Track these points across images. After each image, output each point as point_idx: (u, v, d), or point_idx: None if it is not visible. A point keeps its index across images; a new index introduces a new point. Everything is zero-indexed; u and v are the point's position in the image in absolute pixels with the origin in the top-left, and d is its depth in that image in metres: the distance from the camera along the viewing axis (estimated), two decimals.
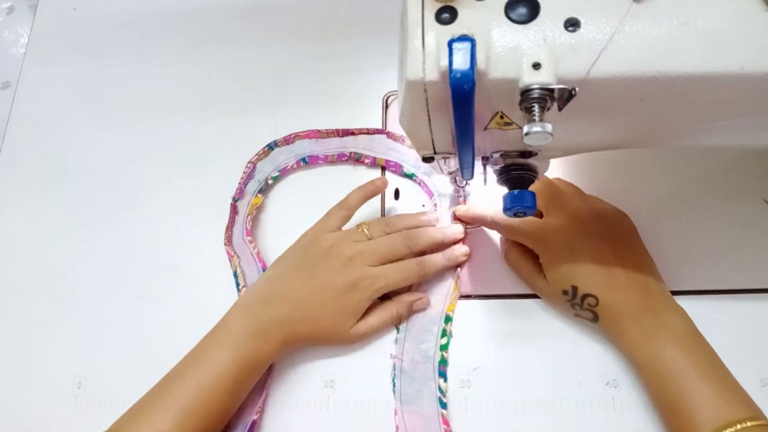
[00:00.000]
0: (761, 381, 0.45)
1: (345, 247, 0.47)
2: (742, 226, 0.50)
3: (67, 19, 0.67)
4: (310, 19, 0.63)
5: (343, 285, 0.46)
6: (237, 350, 0.44)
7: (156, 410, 0.42)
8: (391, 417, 0.47)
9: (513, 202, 0.40)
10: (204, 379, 0.43)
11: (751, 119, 0.33)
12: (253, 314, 0.46)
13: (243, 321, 0.46)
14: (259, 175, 0.55)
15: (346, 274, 0.46)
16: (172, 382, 0.44)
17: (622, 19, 0.30)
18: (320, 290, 0.46)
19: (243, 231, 0.53)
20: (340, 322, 0.46)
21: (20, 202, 0.59)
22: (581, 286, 0.44)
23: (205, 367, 0.44)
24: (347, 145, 0.56)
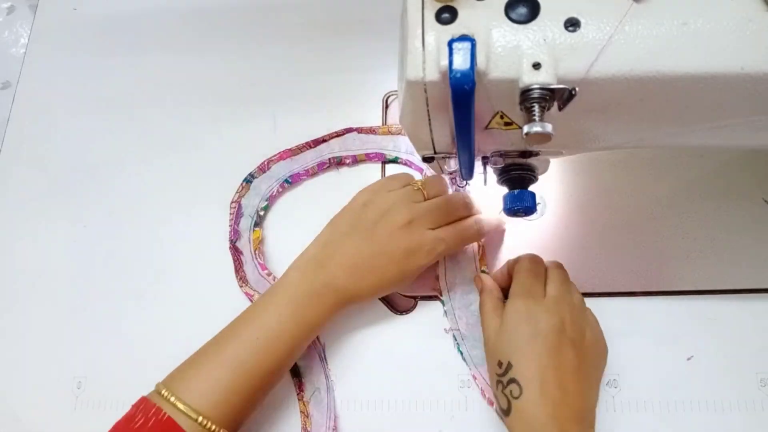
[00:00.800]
0: (761, 381, 0.45)
1: (403, 209, 0.45)
2: (742, 226, 0.50)
3: (67, 19, 0.67)
4: (310, 19, 0.63)
5: (403, 250, 0.45)
6: (295, 309, 0.44)
7: (213, 364, 0.42)
8: (391, 415, 0.47)
9: (513, 202, 0.40)
10: (262, 335, 0.43)
11: (751, 119, 0.33)
12: (309, 276, 0.45)
13: (300, 282, 0.45)
14: (247, 210, 0.54)
15: (405, 239, 0.45)
16: (228, 338, 0.43)
17: (622, 19, 0.30)
18: (378, 255, 0.45)
19: (257, 267, 0.52)
20: (397, 286, 0.47)
21: (20, 202, 0.59)
22: (516, 368, 0.39)
23: (263, 324, 0.43)
24: (323, 153, 0.55)
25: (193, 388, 0.41)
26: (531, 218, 0.51)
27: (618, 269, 0.49)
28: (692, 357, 0.46)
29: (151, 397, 0.41)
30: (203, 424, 0.39)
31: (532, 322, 0.40)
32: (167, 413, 0.39)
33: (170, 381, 0.42)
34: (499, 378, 0.40)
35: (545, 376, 0.38)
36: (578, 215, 0.52)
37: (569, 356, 0.40)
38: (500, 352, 0.41)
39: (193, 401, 0.40)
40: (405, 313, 0.50)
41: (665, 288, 0.48)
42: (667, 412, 0.45)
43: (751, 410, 0.44)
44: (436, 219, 0.46)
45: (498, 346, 0.41)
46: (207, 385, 0.41)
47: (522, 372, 0.39)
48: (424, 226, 0.45)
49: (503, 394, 0.40)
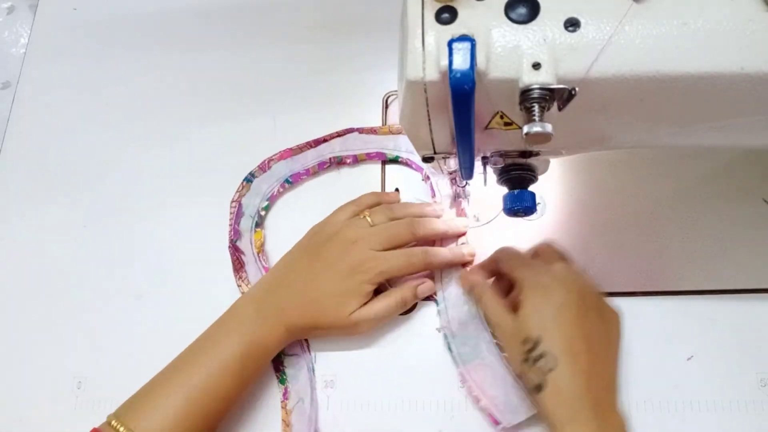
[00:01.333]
0: (761, 381, 0.45)
1: (348, 231, 0.47)
2: (742, 226, 0.50)
3: (67, 19, 0.67)
4: (310, 19, 0.63)
5: (345, 267, 0.46)
6: (243, 336, 0.44)
7: (164, 392, 0.43)
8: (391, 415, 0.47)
9: (513, 202, 0.40)
10: (211, 363, 0.43)
11: (751, 119, 0.33)
12: (257, 302, 0.47)
13: (249, 308, 0.46)
14: (247, 210, 0.54)
15: (348, 257, 0.46)
16: (178, 367, 0.44)
17: (622, 19, 0.30)
18: (322, 273, 0.46)
19: (261, 269, 0.52)
20: (342, 305, 0.46)
21: (20, 202, 0.59)
22: (546, 342, 0.39)
23: (212, 352, 0.44)
24: (324, 153, 0.55)
25: (143, 417, 0.41)
26: (531, 218, 0.51)
27: (618, 269, 0.49)
28: (692, 357, 0.46)
29: (102, 429, 0.42)
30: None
31: (555, 296, 0.40)
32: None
33: (121, 411, 0.43)
34: (527, 355, 0.39)
35: (575, 346, 0.39)
36: (578, 215, 0.52)
37: (594, 325, 0.41)
38: (525, 330, 0.40)
39: (143, 430, 0.41)
40: (405, 313, 0.50)
41: (665, 288, 0.48)
42: (667, 412, 0.45)
43: (751, 410, 0.44)
44: (380, 241, 0.47)
45: (522, 326, 0.40)
46: (157, 413, 0.41)
47: (553, 344, 0.39)
48: (368, 247, 0.46)
49: (535, 369, 0.39)
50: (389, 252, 0.47)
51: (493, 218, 0.52)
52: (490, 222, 0.52)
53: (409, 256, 0.47)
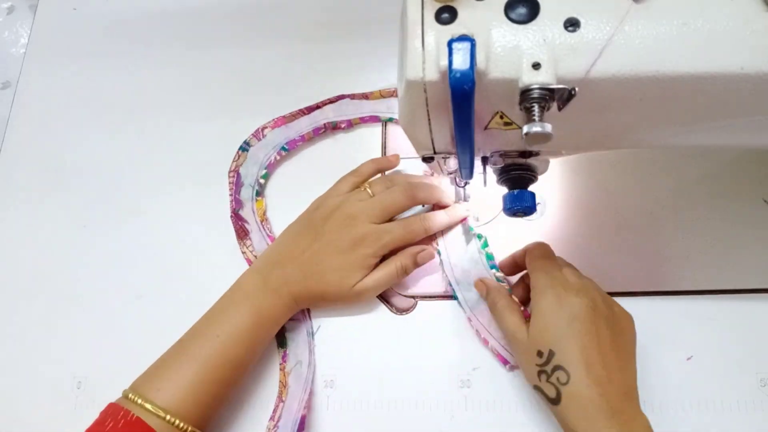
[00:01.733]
0: (761, 381, 0.45)
1: (349, 205, 0.48)
2: (742, 226, 0.50)
3: (67, 19, 0.67)
4: (309, 19, 0.63)
5: (348, 241, 0.47)
6: (252, 306, 0.46)
7: (177, 363, 0.44)
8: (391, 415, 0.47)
9: (513, 202, 0.40)
10: (222, 333, 0.45)
11: (751, 119, 0.33)
12: (264, 274, 0.48)
13: (255, 280, 0.47)
14: (246, 180, 0.55)
15: (350, 231, 0.47)
16: (191, 338, 0.45)
17: (622, 19, 0.30)
18: (325, 248, 0.47)
19: (265, 238, 0.53)
20: (346, 278, 0.47)
21: (20, 202, 0.59)
22: (558, 355, 0.39)
23: (223, 322, 0.45)
24: (318, 119, 0.56)
25: (159, 388, 0.42)
26: (531, 218, 0.51)
27: (618, 269, 0.49)
28: (692, 357, 0.46)
29: (119, 402, 0.43)
30: (171, 422, 0.41)
31: (566, 307, 0.40)
32: (135, 414, 0.41)
33: (137, 384, 0.44)
34: (542, 368, 0.40)
35: (589, 357, 0.39)
36: (578, 215, 0.52)
37: (606, 333, 0.40)
38: (539, 342, 0.40)
39: (160, 401, 0.41)
40: (405, 313, 0.50)
41: (665, 288, 0.48)
42: (667, 412, 0.45)
43: (751, 410, 0.44)
44: (380, 214, 0.48)
45: (536, 338, 0.41)
46: (172, 384, 0.42)
47: (566, 357, 0.39)
48: (369, 220, 0.47)
49: (550, 383, 0.39)
50: (389, 224, 0.48)
51: (493, 218, 0.52)
52: (490, 222, 0.52)
53: (407, 225, 0.48)
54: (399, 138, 0.56)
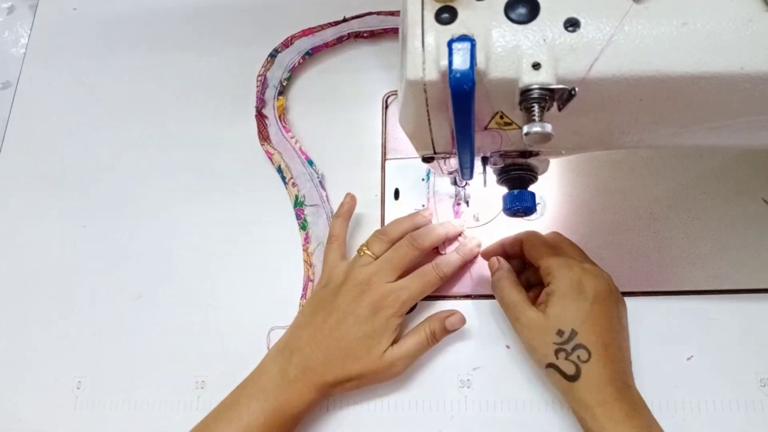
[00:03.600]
0: (761, 381, 0.45)
1: (357, 272, 0.46)
2: (742, 226, 0.50)
3: (67, 19, 0.67)
4: (309, 19, 0.63)
5: (366, 309, 0.45)
6: (266, 402, 0.43)
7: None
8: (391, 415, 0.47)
9: (513, 202, 0.40)
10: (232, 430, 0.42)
11: (751, 119, 0.33)
12: (280, 364, 0.45)
13: (272, 372, 0.45)
14: (271, 82, 0.59)
15: (366, 297, 0.45)
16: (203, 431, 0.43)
17: (622, 19, 0.30)
18: (344, 322, 0.45)
19: (281, 130, 0.57)
20: (373, 347, 0.44)
21: (20, 202, 0.59)
22: (581, 334, 0.41)
23: (233, 418, 0.43)
24: (343, 30, 0.59)
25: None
26: (531, 218, 0.51)
27: (618, 269, 0.49)
28: (692, 357, 0.46)
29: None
30: None
31: (588, 290, 0.42)
32: None
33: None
34: (561, 346, 0.41)
35: (607, 338, 0.41)
36: (578, 215, 0.52)
37: (616, 315, 0.43)
38: (561, 322, 0.42)
39: None
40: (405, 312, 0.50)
41: (665, 288, 0.48)
42: (667, 412, 0.45)
43: (751, 410, 0.44)
44: (391, 271, 0.46)
45: (558, 317, 0.42)
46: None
47: (588, 337, 0.41)
48: (384, 281, 0.46)
49: (569, 361, 0.41)
50: (404, 279, 0.46)
51: (493, 218, 0.52)
52: (490, 222, 0.52)
53: (423, 276, 0.47)
54: (398, 138, 0.56)
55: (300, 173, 0.55)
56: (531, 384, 0.46)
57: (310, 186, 0.55)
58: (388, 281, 0.46)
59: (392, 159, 0.56)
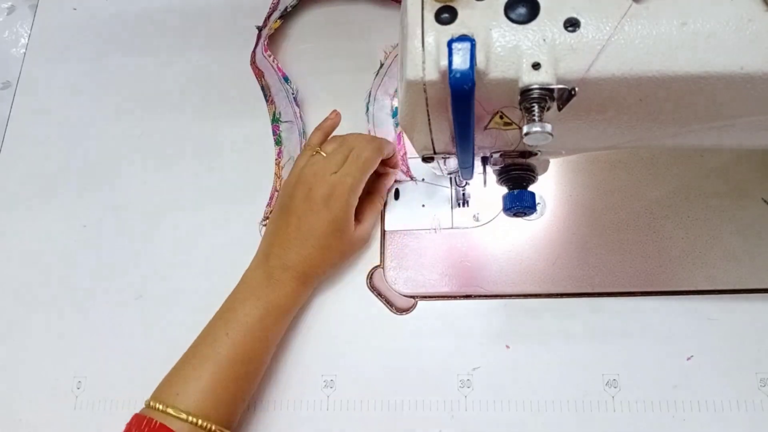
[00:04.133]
0: (761, 381, 0.45)
1: (307, 170, 0.49)
2: (742, 226, 0.50)
3: (67, 19, 0.67)
4: (309, 19, 0.63)
5: (320, 202, 0.48)
6: (258, 300, 0.47)
7: (192, 366, 0.44)
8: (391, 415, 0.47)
9: (513, 202, 0.40)
10: (231, 330, 0.45)
11: (751, 119, 0.33)
12: (264, 267, 0.48)
13: (257, 275, 0.48)
14: (282, 7, 0.61)
15: (317, 189, 0.48)
16: (203, 340, 0.46)
17: (621, 19, 0.30)
18: (305, 218, 0.48)
19: (262, 48, 0.58)
20: (344, 231, 0.48)
21: (20, 202, 0.59)
22: None
23: (231, 320, 0.46)
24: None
25: (177, 392, 0.43)
26: (531, 218, 0.51)
27: (618, 269, 0.49)
28: (692, 357, 0.46)
29: (142, 412, 0.43)
30: (194, 422, 0.41)
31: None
32: (158, 421, 0.41)
33: (157, 393, 0.44)
34: None
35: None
36: (578, 215, 0.52)
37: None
38: None
39: (181, 404, 0.42)
40: (405, 313, 0.50)
41: (665, 288, 0.48)
42: (667, 412, 0.45)
43: (751, 410, 0.44)
44: (331, 163, 0.49)
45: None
46: (190, 386, 0.43)
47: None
48: (329, 173, 0.48)
49: None
50: (344, 166, 0.49)
51: (493, 218, 0.52)
52: (490, 222, 0.52)
53: (356, 160, 0.49)
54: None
55: (278, 90, 0.57)
56: (531, 384, 0.46)
57: (286, 102, 0.57)
58: (333, 173, 0.48)
59: None
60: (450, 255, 0.52)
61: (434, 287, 0.51)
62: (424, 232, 0.53)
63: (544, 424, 0.45)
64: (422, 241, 0.52)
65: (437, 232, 0.52)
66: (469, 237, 0.52)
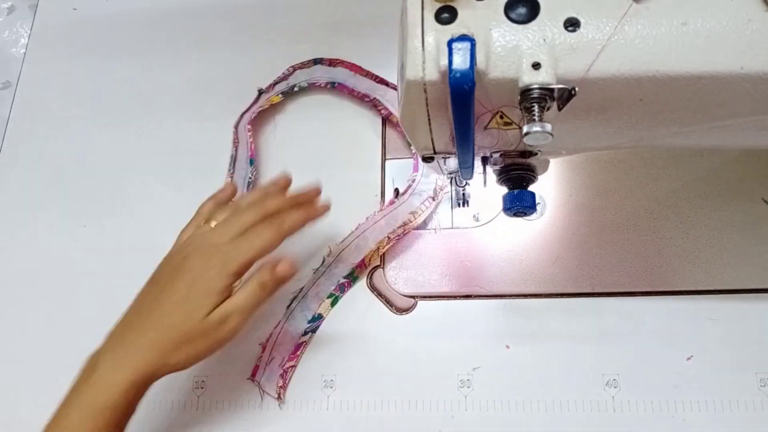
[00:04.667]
0: (761, 381, 0.45)
1: (187, 242, 0.42)
2: (742, 226, 0.50)
3: (67, 19, 0.67)
4: (309, 19, 0.63)
5: (189, 276, 0.40)
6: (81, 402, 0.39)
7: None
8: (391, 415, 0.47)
9: (513, 202, 0.40)
10: None
11: (751, 119, 0.33)
12: (93, 356, 0.41)
13: (86, 366, 0.41)
14: (293, 80, 0.59)
15: (191, 263, 0.40)
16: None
17: (622, 19, 0.30)
18: (164, 293, 0.40)
19: (248, 119, 0.57)
20: (193, 311, 0.39)
21: (20, 202, 0.59)
22: None
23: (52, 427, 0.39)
24: (376, 92, 0.58)
25: None
26: (531, 218, 0.51)
27: (618, 269, 0.49)
28: (692, 357, 0.46)
29: None
30: None
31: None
32: None
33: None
34: None
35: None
36: (578, 215, 0.52)
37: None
38: None
39: None
40: (405, 313, 0.50)
41: (665, 288, 0.48)
42: (667, 412, 0.45)
43: (751, 410, 0.44)
44: (227, 233, 0.41)
45: None
46: None
47: None
48: (213, 243, 0.41)
49: None
50: (237, 239, 0.41)
51: (493, 218, 0.52)
52: (490, 222, 0.52)
53: (258, 232, 0.41)
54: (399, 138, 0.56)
55: (240, 168, 0.56)
56: (531, 384, 0.46)
57: (241, 183, 0.55)
58: (220, 245, 0.40)
59: (392, 159, 0.56)
60: (450, 255, 0.52)
61: (434, 287, 0.51)
62: (424, 232, 0.53)
63: (544, 424, 0.45)
64: (422, 241, 0.52)
65: (437, 232, 0.52)
66: (469, 237, 0.52)
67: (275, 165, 0.57)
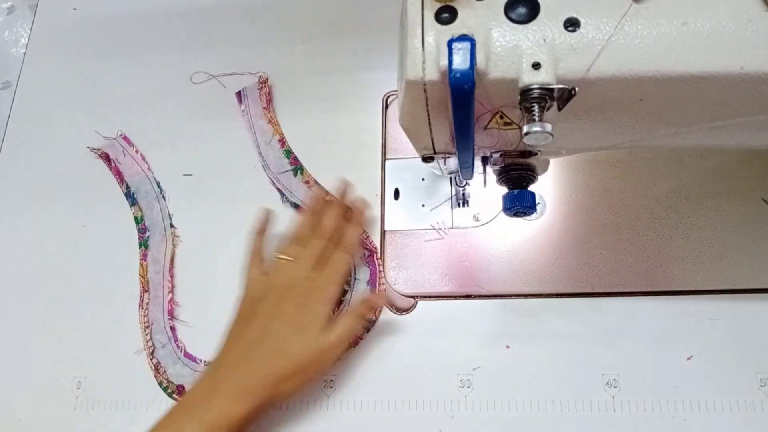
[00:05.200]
0: (761, 381, 0.45)
1: (279, 278, 0.46)
2: (742, 226, 0.50)
3: (67, 19, 0.67)
4: (309, 19, 0.63)
5: (292, 305, 0.44)
6: (198, 419, 0.41)
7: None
8: (391, 415, 0.47)
9: (513, 202, 0.40)
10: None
11: (751, 119, 0.33)
12: (210, 381, 0.44)
13: (203, 386, 0.44)
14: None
15: (291, 295, 0.45)
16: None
17: (622, 19, 0.30)
18: (267, 328, 0.44)
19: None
20: (305, 338, 0.43)
21: (20, 202, 0.59)
22: None
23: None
24: None
25: None
26: (531, 218, 0.51)
27: (618, 269, 0.49)
28: (692, 357, 0.46)
29: None
30: None
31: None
32: None
33: None
34: None
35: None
36: (578, 215, 0.52)
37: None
38: None
39: None
40: (405, 313, 0.50)
41: (665, 288, 0.48)
42: (667, 412, 0.45)
43: (751, 410, 0.44)
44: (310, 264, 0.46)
45: None
46: None
47: None
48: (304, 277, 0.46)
49: None
50: (320, 267, 0.46)
51: (493, 218, 0.52)
52: (490, 222, 0.52)
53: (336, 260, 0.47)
54: (398, 138, 0.56)
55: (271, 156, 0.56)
56: (531, 384, 0.46)
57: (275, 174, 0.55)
58: (311, 277, 0.46)
59: (392, 159, 0.56)
60: (450, 255, 0.52)
61: (434, 287, 0.51)
62: (424, 232, 0.53)
63: (543, 424, 0.45)
64: (422, 241, 0.52)
65: (442, 234, 0.52)
66: (469, 237, 0.52)
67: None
